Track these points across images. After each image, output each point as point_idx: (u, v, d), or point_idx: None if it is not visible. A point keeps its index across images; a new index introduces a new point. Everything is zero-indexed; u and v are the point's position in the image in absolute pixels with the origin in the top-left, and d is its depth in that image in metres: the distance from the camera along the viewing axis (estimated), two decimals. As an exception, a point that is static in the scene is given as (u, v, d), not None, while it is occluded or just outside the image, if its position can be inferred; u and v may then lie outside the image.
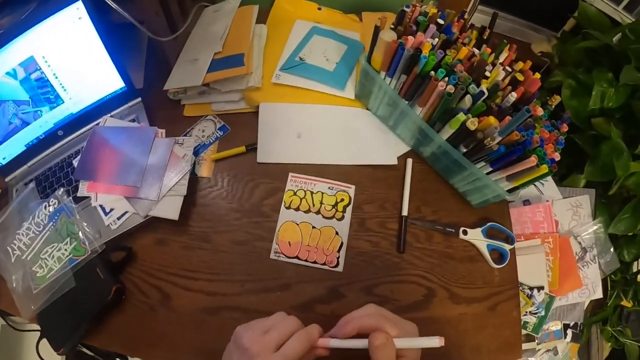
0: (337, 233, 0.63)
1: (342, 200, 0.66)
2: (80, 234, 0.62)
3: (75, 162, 0.70)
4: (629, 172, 0.73)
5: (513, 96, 0.63)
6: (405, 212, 0.66)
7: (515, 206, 0.78)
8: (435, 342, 0.37)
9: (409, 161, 0.70)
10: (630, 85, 0.77)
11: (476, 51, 0.67)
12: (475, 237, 0.69)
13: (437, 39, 0.63)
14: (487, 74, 0.65)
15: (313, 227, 0.63)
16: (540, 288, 0.77)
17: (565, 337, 0.83)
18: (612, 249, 0.83)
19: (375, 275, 0.65)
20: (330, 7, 0.86)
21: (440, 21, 0.67)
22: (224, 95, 0.76)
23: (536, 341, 0.81)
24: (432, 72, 0.59)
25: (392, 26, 0.65)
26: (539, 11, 1.09)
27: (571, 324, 0.83)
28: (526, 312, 0.77)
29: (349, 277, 0.64)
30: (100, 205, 0.66)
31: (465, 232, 0.68)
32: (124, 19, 0.68)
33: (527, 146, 0.58)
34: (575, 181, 0.82)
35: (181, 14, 0.85)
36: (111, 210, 0.66)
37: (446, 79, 0.58)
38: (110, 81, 0.72)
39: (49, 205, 0.66)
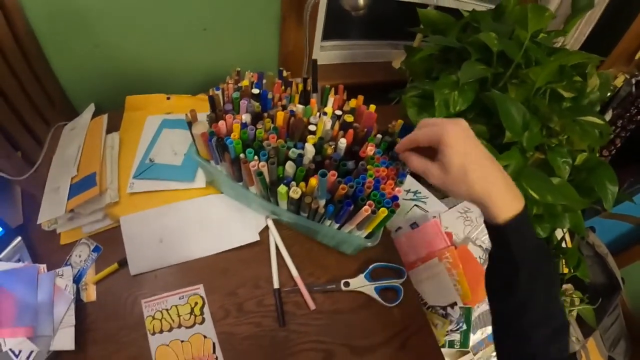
0: (205, 337, 0.63)
1: (196, 303, 0.65)
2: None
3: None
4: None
5: (343, 143, 0.62)
6: (276, 285, 0.65)
7: (404, 232, 0.77)
8: None
9: (272, 233, 0.69)
10: (475, 81, 0.76)
11: (298, 108, 0.67)
12: (360, 284, 0.67)
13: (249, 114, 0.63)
14: (313, 127, 0.65)
15: (182, 342, 0.63)
16: (453, 305, 0.75)
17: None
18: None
19: (266, 355, 0.63)
20: (179, 93, 0.87)
21: (255, 90, 0.67)
22: (89, 216, 0.76)
23: (471, 352, 0.79)
24: (242, 155, 0.58)
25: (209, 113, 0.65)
26: (390, 27, 1.08)
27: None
28: (448, 331, 0.75)
29: (242, 365, 0.63)
30: (10, 349, 0.66)
31: (347, 284, 0.67)
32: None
33: (357, 196, 0.57)
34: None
35: (37, 144, 0.86)
36: (20, 352, 0.67)
37: (256, 157, 0.58)
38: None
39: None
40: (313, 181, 0.56)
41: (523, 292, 0.45)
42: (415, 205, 0.79)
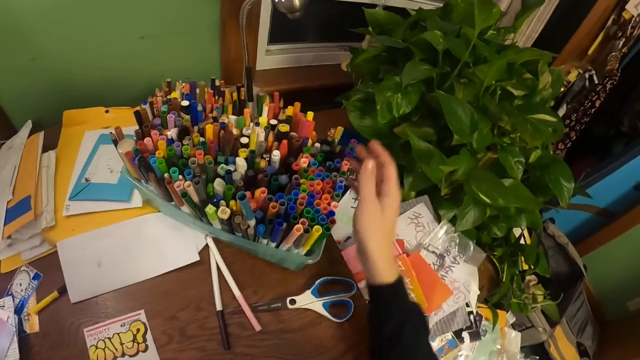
0: (149, 365, 0.60)
1: (138, 330, 0.62)
2: None
3: None
4: (443, 175, 0.70)
5: (276, 155, 0.60)
6: (219, 307, 0.63)
7: (354, 243, 0.74)
8: None
9: (212, 252, 0.67)
10: (420, 82, 0.73)
11: (230, 119, 0.64)
12: (307, 301, 0.65)
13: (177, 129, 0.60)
14: (245, 140, 0.62)
15: (126, 371, 0.60)
16: (408, 313, 0.73)
17: (462, 342, 0.80)
18: (470, 242, 0.79)
19: (212, 381, 0.61)
20: (120, 104, 0.83)
21: (185, 102, 0.64)
22: (28, 242, 0.72)
23: (431, 360, 0.78)
24: (166, 175, 0.56)
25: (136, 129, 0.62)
26: (340, 29, 1.05)
27: (464, 327, 0.80)
28: (404, 340, 0.74)
29: (188, 392, 0.61)
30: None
31: (293, 302, 0.65)
32: None
33: (289, 214, 0.55)
34: (405, 195, 0.79)
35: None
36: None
37: (181, 176, 0.55)
38: None
39: None
40: (242, 201, 0.54)
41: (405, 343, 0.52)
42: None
